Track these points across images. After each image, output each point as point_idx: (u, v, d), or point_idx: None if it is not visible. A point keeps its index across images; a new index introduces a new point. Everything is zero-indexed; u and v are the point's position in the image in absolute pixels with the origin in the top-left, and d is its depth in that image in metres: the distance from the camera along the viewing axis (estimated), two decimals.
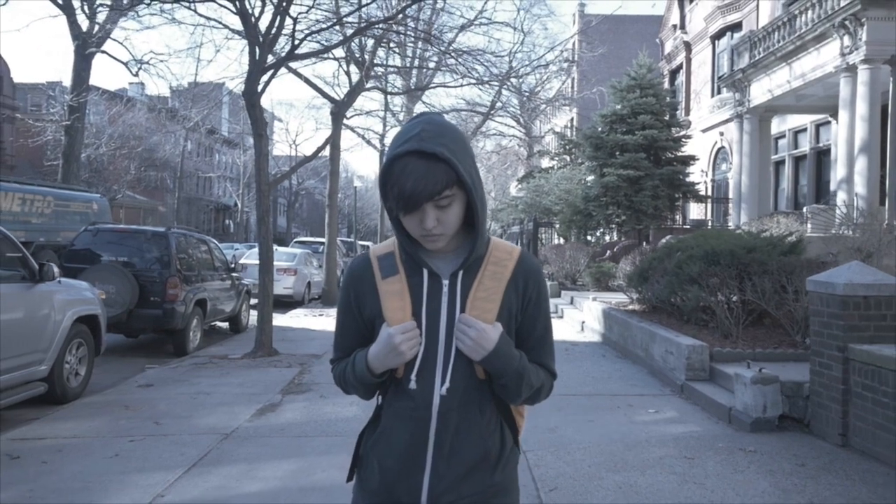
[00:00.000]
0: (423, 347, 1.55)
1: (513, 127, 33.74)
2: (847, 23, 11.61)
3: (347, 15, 10.09)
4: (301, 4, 10.53)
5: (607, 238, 22.99)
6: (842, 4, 11.72)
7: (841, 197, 12.20)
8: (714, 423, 5.69)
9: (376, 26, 9.88)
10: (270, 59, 9.46)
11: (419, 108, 23.20)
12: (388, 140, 24.63)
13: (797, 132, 18.58)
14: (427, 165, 1.44)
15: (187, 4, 10.35)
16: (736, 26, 22.86)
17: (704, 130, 24.50)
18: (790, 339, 7.14)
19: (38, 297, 6.23)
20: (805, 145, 18.14)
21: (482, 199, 1.54)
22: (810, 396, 5.37)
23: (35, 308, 6.17)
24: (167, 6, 12.52)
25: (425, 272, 1.58)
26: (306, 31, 9.53)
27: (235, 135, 53.93)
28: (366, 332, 1.64)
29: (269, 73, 9.32)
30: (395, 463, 1.57)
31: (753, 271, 7.49)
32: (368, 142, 25.54)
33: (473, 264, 1.58)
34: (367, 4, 10.50)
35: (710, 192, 24.49)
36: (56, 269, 6.42)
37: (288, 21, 9.24)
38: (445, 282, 1.58)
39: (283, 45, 10.62)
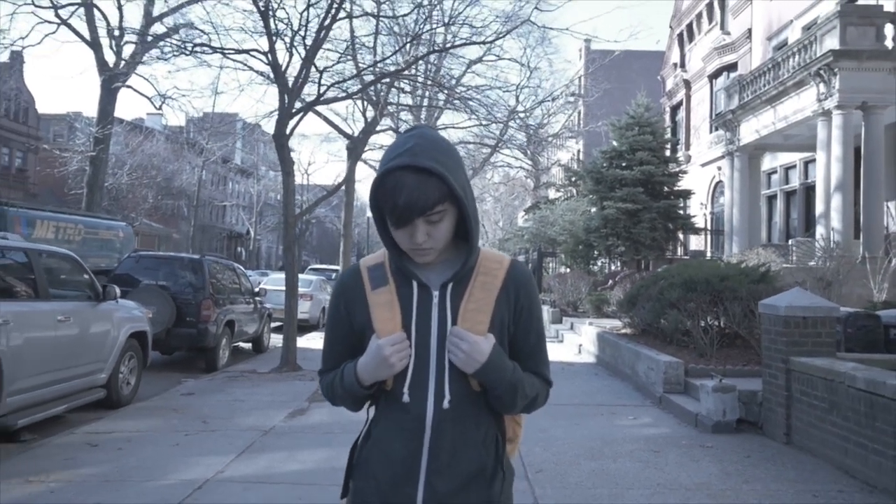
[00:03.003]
0: (414, 359, 1.55)
1: (520, 159, 34.90)
2: (822, 72, 12.68)
3: (368, 67, 11.25)
4: (327, 49, 11.71)
5: (612, 267, 23.93)
6: (817, 55, 12.81)
7: (820, 231, 13.16)
8: (683, 427, 6.60)
9: (392, 76, 11.01)
10: (297, 104, 10.57)
11: None
12: None
13: (788, 168, 19.58)
14: (419, 180, 1.44)
15: (222, 52, 11.48)
16: (732, 66, 23.99)
17: (703, 165, 25.51)
18: (758, 358, 8.00)
19: (101, 314, 7.24)
20: (795, 181, 19.12)
21: (475, 212, 1.55)
22: (763, 403, 6.29)
23: (99, 324, 7.17)
24: (197, 48, 13.67)
25: (415, 283, 1.58)
26: (331, 82, 10.64)
27: (249, 165, 55.49)
28: (356, 344, 1.64)
29: (297, 116, 10.41)
30: (389, 474, 1.56)
31: (726, 297, 8.42)
32: None
33: (464, 275, 1.59)
34: (386, 59, 11.66)
35: (709, 225, 25.44)
36: (117, 290, 7.43)
37: (314, 71, 10.37)
38: (435, 293, 1.58)
39: (307, 89, 11.75)
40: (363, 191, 46.06)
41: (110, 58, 22.23)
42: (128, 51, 22.06)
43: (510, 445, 1.70)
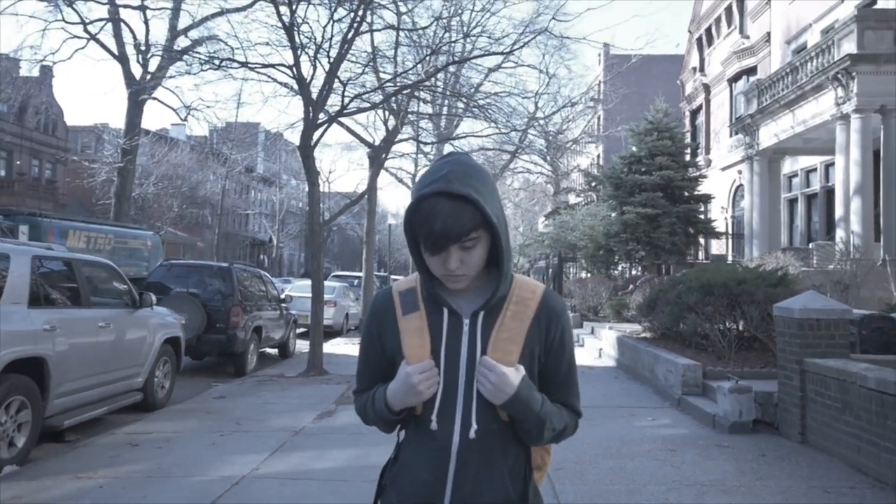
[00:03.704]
0: (443, 387, 1.55)
1: (540, 164, 35.10)
2: (840, 76, 12.76)
3: (389, 80, 11.56)
4: (350, 60, 12.04)
5: (633, 272, 24.01)
6: (835, 59, 12.89)
7: (840, 234, 13.21)
8: (700, 428, 6.76)
9: (413, 86, 11.30)
10: (321, 115, 10.88)
11: (448, 147, 24.70)
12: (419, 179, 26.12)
13: (808, 172, 19.58)
14: (455, 207, 1.45)
15: (248, 66, 11.82)
16: (751, 70, 24.00)
17: (724, 169, 25.49)
18: (775, 361, 8.09)
19: (138, 320, 7.57)
20: (816, 184, 19.12)
21: (507, 240, 1.56)
22: (778, 403, 6.43)
23: (136, 330, 7.50)
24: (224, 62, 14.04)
25: (445, 311, 1.59)
26: (354, 94, 10.95)
27: (272, 174, 56.22)
28: (387, 366, 1.65)
29: (322, 128, 10.71)
30: (415, 499, 1.58)
31: (744, 301, 8.55)
32: (401, 180, 27.13)
33: (496, 304, 1.59)
34: (408, 70, 11.96)
35: (730, 228, 25.42)
36: (153, 298, 7.76)
37: (337, 83, 10.68)
38: (466, 321, 1.58)
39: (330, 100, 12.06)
40: (384, 198, 46.44)
41: (137, 71, 22.78)
42: (154, 64, 22.62)
43: (538, 473, 1.70)
